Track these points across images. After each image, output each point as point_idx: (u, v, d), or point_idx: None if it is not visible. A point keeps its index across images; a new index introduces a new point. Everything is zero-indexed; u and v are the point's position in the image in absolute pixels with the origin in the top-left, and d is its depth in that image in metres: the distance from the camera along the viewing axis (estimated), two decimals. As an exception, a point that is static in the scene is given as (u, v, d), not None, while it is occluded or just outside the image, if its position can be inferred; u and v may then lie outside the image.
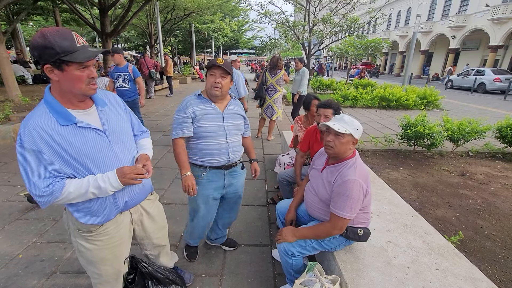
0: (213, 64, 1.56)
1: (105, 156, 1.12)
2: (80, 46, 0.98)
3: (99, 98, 1.17)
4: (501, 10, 19.00)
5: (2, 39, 5.94)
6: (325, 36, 14.84)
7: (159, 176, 3.56)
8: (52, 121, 1.00)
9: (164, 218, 1.56)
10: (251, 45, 40.10)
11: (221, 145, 1.65)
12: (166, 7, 15.87)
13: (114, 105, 1.25)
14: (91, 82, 1.04)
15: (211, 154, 1.65)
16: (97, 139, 1.10)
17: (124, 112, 1.30)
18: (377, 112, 8.50)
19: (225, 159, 1.70)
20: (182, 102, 1.64)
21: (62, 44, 0.93)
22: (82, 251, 1.21)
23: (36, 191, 0.99)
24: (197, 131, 1.61)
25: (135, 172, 1.13)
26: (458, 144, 4.46)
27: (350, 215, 1.43)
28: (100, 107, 1.16)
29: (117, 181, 1.09)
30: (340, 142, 1.47)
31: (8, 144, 4.58)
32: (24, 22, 18.91)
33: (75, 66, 0.97)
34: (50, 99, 1.03)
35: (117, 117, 1.22)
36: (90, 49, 1.01)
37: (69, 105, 1.06)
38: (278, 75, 4.90)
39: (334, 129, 1.46)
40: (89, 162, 1.08)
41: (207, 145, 1.64)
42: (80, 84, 1.01)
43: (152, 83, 9.80)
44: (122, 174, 1.10)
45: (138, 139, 1.37)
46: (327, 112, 2.16)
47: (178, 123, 1.61)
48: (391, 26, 34.30)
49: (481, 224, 2.62)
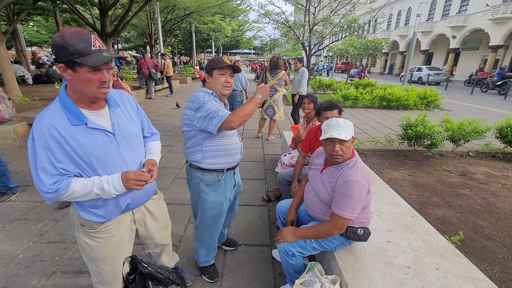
0: (224, 64, 1.50)
1: (112, 158, 1.13)
2: (95, 49, 0.99)
3: (113, 99, 1.19)
4: (501, 10, 19.00)
5: (2, 39, 5.94)
6: (325, 36, 14.84)
7: (159, 176, 3.55)
8: (64, 120, 1.03)
9: (167, 218, 1.57)
10: (252, 45, 40.12)
11: (237, 144, 1.66)
12: (166, 7, 15.88)
13: (127, 107, 1.27)
14: (102, 85, 1.05)
15: (230, 154, 1.62)
16: (106, 140, 1.12)
17: (136, 113, 1.31)
18: (377, 112, 8.50)
19: (239, 158, 1.71)
20: (199, 97, 1.47)
21: (77, 45, 0.95)
22: (84, 247, 1.24)
23: (43, 187, 1.01)
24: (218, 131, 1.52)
25: (139, 178, 1.15)
26: (458, 144, 4.46)
27: (351, 215, 1.43)
28: (113, 108, 1.18)
29: (120, 185, 1.11)
30: (346, 147, 1.48)
31: (8, 144, 4.58)
32: (25, 22, 18.89)
33: (87, 68, 0.99)
34: (64, 97, 1.06)
35: (127, 119, 1.24)
36: (105, 54, 1.02)
37: (82, 105, 1.08)
38: (279, 75, 4.90)
39: (340, 139, 1.43)
40: (96, 163, 1.10)
41: (228, 145, 1.59)
42: (91, 87, 1.03)
43: (152, 83, 9.80)
44: (126, 179, 1.12)
45: (147, 141, 1.39)
46: (334, 114, 2.17)
47: (217, 108, 1.41)
48: (391, 26, 34.30)
49: (481, 224, 2.62)
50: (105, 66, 1.03)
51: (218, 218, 1.75)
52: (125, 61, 25.13)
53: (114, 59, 1.23)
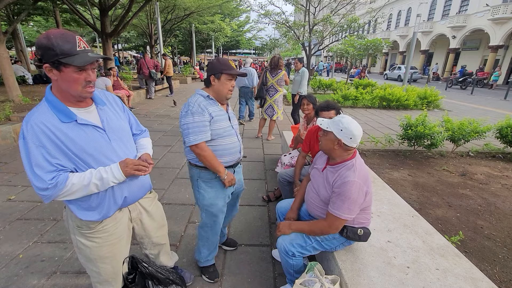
0: (236, 72, 1.57)
1: (104, 152, 1.14)
2: (80, 50, 1.01)
3: (98, 97, 1.21)
4: (501, 10, 18.99)
5: (2, 39, 5.94)
6: (325, 36, 14.83)
7: (159, 176, 3.56)
8: (54, 118, 1.04)
9: (163, 217, 1.57)
10: (252, 45, 40.13)
11: (235, 143, 1.68)
12: (166, 7, 15.89)
13: (113, 105, 1.29)
14: (87, 85, 1.06)
15: (228, 154, 1.66)
16: (97, 136, 1.13)
17: (122, 111, 1.33)
18: (377, 112, 8.50)
19: (238, 157, 1.74)
20: (191, 104, 1.53)
21: (63, 46, 0.97)
22: (81, 248, 1.23)
23: (41, 184, 1.00)
24: (214, 133, 1.58)
25: (138, 163, 1.17)
26: (459, 144, 4.46)
27: (348, 216, 1.43)
28: (100, 105, 1.19)
29: (119, 172, 1.13)
30: (324, 138, 1.53)
31: (8, 144, 4.58)
32: (25, 23, 18.94)
33: (72, 68, 1.01)
34: (51, 98, 1.07)
35: (115, 115, 1.25)
36: (91, 54, 1.03)
37: (69, 103, 1.09)
38: (279, 75, 4.90)
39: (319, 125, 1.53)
40: (89, 158, 1.10)
41: (225, 145, 1.63)
42: (77, 86, 1.04)
43: (152, 83, 9.80)
44: (125, 164, 1.15)
45: (137, 138, 1.39)
46: (331, 114, 2.22)
47: (198, 127, 1.50)
48: (391, 26, 34.30)
49: (481, 224, 2.62)
50: (90, 66, 1.05)
51: (218, 215, 1.76)
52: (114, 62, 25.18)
53: (114, 59, 1.24)
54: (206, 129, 1.53)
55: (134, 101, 8.74)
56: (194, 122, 1.50)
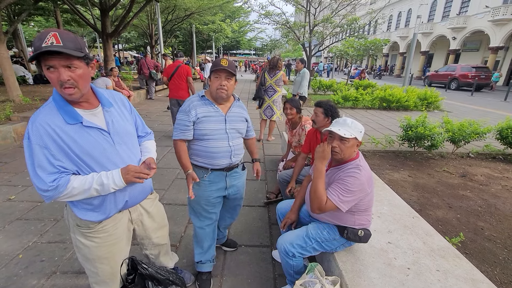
0: (218, 67, 1.52)
1: (108, 156, 1.13)
2: (46, 46, 0.91)
3: (106, 99, 1.19)
4: (501, 11, 19.01)
5: (3, 39, 5.94)
6: (325, 37, 14.84)
7: (160, 176, 3.56)
8: (59, 119, 1.03)
9: (164, 217, 1.57)
10: (253, 46, 40.11)
11: (223, 148, 1.62)
12: (167, 8, 15.90)
13: (120, 106, 1.26)
14: (63, 85, 0.98)
15: (212, 157, 1.62)
16: (101, 139, 1.12)
17: (129, 113, 1.31)
18: (378, 113, 8.50)
19: (227, 162, 1.67)
20: (185, 103, 1.61)
21: (35, 43, 0.93)
22: (80, 248, 1.23)
23: (42, 185, 1.00)
24: (198, 134, 1.59)
25: (139, 171, 1.15)
26: (459, 145, 4.45)
27: (337, 200, 1.40)
28: (106, 107, 1.17)
29: (120, 179, 1.12)
30: (345, 146, 1.46)
31: (8, 144, 4.58)
32: (25, 23, 18.96)
33: (44, 66, 0.96)
34: (58, 97, 1.05)
35: (122, 118, 1.23)
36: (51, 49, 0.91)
37: (74, 104, 1.08)
38: (277, 76, 4.89)
39: (339, 135, 1.44)
40: (92, 161, 1.10)
41: (209, 148, 1.61)
42: (56, 86, 1.00)
43: (153, 84, 9.81)
44: (126, 171, 1.13)
45: (142, 141, 1.38)
46: (317, 110, 2.26)
47: (180, 125, 1.59)
48: (392, 27, 34.32)
49: (481, 225, 2.61)
50: (59, 63, 0.95)
51: (201, 214, 1.75)
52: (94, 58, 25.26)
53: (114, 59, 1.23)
54: (185, 129, 1.58)
55: (135, 101, 8.74)
56: (179, 119, 1.60)
